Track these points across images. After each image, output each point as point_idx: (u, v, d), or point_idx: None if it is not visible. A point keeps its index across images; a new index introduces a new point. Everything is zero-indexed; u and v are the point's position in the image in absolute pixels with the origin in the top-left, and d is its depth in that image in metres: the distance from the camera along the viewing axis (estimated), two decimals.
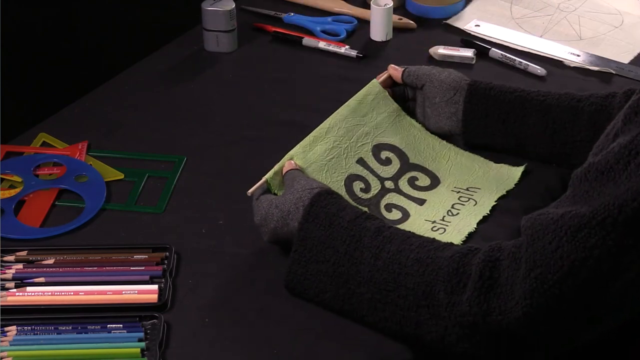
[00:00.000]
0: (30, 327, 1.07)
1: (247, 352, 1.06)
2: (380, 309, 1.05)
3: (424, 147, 1.34)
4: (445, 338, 1.01)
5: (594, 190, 0.95)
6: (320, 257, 1.08)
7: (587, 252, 0.93)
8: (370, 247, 1.06)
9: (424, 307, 1.01)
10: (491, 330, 0.98)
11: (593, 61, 1.59)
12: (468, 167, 1.32)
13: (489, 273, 0.98)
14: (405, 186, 1.29)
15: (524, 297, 0.95)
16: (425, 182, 1.30)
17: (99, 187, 1.29)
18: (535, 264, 0.95)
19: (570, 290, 0.94)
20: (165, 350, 1.06)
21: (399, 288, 1.03)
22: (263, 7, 1.73)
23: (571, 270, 0.94)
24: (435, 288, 1.01)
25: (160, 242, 1.19)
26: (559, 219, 0.95)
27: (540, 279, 0.95)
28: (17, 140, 1.39)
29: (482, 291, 0.98)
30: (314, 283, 1.09)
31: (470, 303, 0.98)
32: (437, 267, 1.02)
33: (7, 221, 1.23)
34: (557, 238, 0.94)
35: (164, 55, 1.61)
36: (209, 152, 1.38)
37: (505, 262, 0.98)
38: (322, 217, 1.09)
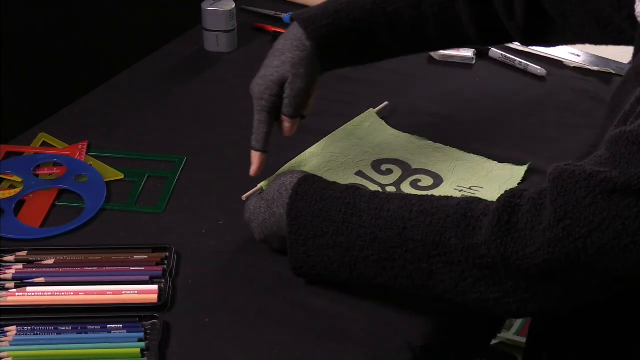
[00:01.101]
0: (30, 327, 1.07)
1: (247, 352, 1.06)
2: (389, 268, 1.04)
3: (427, 154, 1.34)
4: (460, 284, 1.01)
5: (623, 157, 0.94)
6: (317, 232, 1.07)
7: (618, 211, 0.93)
8: (368, 210, 1.05)
9: (436, 256, 1.01)
10: (510, 272, 0.97)
11: (593, 61, 1.59)
12: (471, 168, 1.32)
13: (508, 217, 0.97)
14: (407, 188, 1.29)
15: (548, 244, 0.95)
16: (428, 182, 1.30)
17: (99, 187, 1.29)
18: (567, 215, 0.94)
19: (594, 247, 0.94)
20: (165, 350, 1.06)
21: (405, 242, 1.02)
22: (263, 7, 1.73)
23: (600, 227, 0.93)
24: (445, 235, 1.00)
25: (160, 242, 1.19)
26: (593, 176, 0.94)
27: (568, 230, 0.94)
28: (17, 140, 1.39)
29: (500, 234, 0.97)
30: (317, 258, 1.08)
31: (488, 245, 0.97)
32: (444, 214, 1.01)
33: (7, 221, 1.23)
34: (592, 194, 0.94)
35: (164, 55, 1.61)
36: (209, 152, 1.38)
37: (525, 208, 0.97)
38: (311, 193, 1.09)
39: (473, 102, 1.51)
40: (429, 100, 1.49)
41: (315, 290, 1.13)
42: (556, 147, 1.41)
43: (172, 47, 1.64)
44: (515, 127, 1.45)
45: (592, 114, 1.48)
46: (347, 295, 1.13)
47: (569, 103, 1.51)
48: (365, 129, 1.36)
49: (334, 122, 1.36)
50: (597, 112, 1.49)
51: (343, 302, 1.12)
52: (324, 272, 1.09)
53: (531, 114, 1.48)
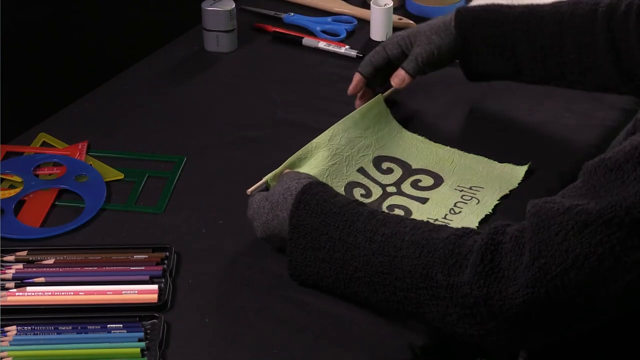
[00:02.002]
0: (30, 327, 1.07)
1: (247, 352, 1.06)
2: (380, 291, 1.05)
3: (427, 154, 1.35)
4: (446, 317, 1.01)
5: (602, 187, 0.95)
6: (315, 244, 1.08)
7: (591, 248, 0.93)
8: (363, 231, 1.06)
9: (423, 288, 1.01)
10: (492, 312, 0.98)
11: None
12: (472, 168, 1.32)
13: (491, 256, 0.98)
14: (408, 188, 1.29)
15: (526, 284, 0.95)
16: (429, 182, 1.30)
17: (99, 187, 1.29)
18: (540, 254, 0.95)
19: (571, 283, 0.94)
20: (165, 350, 1.06)
21: (395, 271, 1.03)
22: (263, 7, 1.73)
23: (575, 264, 0.94)
24: (433, 270, 1.01)
25: (160, 242, 1.19)
26: (567, 212, 0.95)
27: (543, 269, 0.95)
28: (17, 140, 1.39)
29: (483, 275, 0.98)
30: (314, 270, 1.09)
31: (471, 285, 0.98)
32: (432, 248, 1.02)
33: (7, 221, 1.23)
34: (564, 231, 0.94)
35: (164, 55, 1.61)
36: (209, 152, 1.38)
37: (507, 246, 0.98)
38: (312, 204, 1.09)
39: (473, 102, 1.51)
40: (429, 101, 1.49)
41: (315, 290, 1.13)
42: (556, 147, 1.41)
43: (172, 47, 1.63)
44: (515, 127, 1.45)
45: (592, 114, 1.48)
46: None
47: (568, 103, 1.51)
48: (371, 118, 1.36)
49: (334, 122, 1.36)
50: (597, 112, 1.49)
51: (343, 302, 1.12)
52: (320, 283, 1.10)
53: (531, 114, 1.48)
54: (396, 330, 1.09)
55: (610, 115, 1.47)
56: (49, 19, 1.45)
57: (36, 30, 1.43)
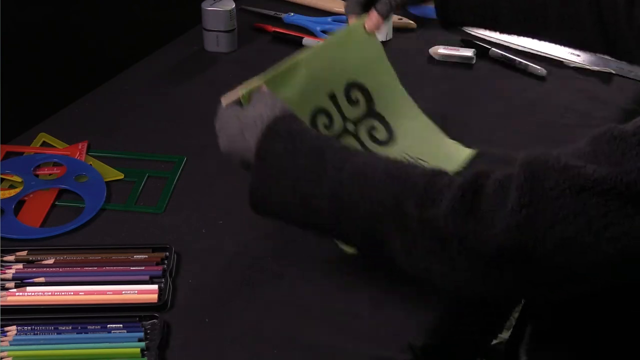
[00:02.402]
0: (30, 327, 1.07)
1: (247, 352, 1.06)
2: (344, 222, 1.03)
3: (392, 98, 1.33)
4: (412, 251, 0.99)
5: (603, 153, 0.93)
6: (280, 174, 1.06)
7: (584, 209, 0.91)
8: (333, 160, 1.04)
9: (391, 220, 0.99)
10: (463, 251, 0.96)
11: (593, 61, 1.59)
12: (424, 136, 1.31)
13: (471, 196, 0.96)
14: (363, 134, 1.28)
15: (508, 229, 0.93)
16: (383, 135, 1.29)
17: (99, 187, 1.29)
18: (531, 203, 0.93)
19: (554, 239, 0.92)
20: (165, 350, 1.06)
21: (364, 200, 1.01)
22: (263, 7, 1.73)
23: (564, 221, 0.92)
24: (406, 201, 0.98)
25: (160, 242, 1.19)
26: (564, 170, 0.93)
27: (530, 218, 0.92)
28: (17, 140, 1.39)
29: (461, 212, 0.95)
30: (276, 200, 1.06)
31: (446, 220, 0.96)
32: (407, 180, 0.99)
33: (7, 221, 1.23)
34: (559, 188, 0.92)
35: (164, 55, 1.61)
36: (209, 152, 1.37)
37: (490, 189, 0.95)
38: (283, 134, 1.07)
39: (473, 102, 1.51)
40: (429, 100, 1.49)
41: (316, 291, 1.13)
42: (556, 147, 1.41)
43: (172, 47, 1.64)
44: (515, 127, 1.45)
45: (592, 114, 1.49)
46: (347, 295, 1.13)
47: (569, 103, 1.51)
48: (352, 41, 1.32)
49: None
50: (597, 112, 1.49)
51: (343, 302, 1.12)
52: (281, 214, 1.08)
53: (531, 114, 1.48)
54: (396, 330, 1.09)
55: (610, 115, 1.47)
56: (49, 19, 1.45)
57: (36, 30, 1.43)
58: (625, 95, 1.54)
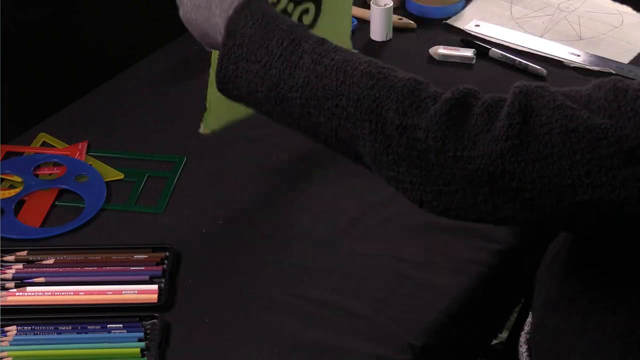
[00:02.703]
0: (30, 327, 1.07)
1: (247, 352, 1.06)
2: (314, 115, 0.99)
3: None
4: (382, 157, 0.96)
5: (599, 101, 0.92)
6: (251, 57, 1.01)
7: (569, 151, 0.90)
8: (311, 52, 0.99)
9: (367, 121, 0.95)
10: (439, 164, 0.94)
11: (593, 61, 1.59)
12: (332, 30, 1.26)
13: (458, 112, 0.93)
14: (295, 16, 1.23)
15: (489, 155, 0.91)
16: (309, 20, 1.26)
17: (99, 187, 1.29)
18: (518, 135, 0.91)
19: (533, 175, 0.91)
20: (165, 350, 1.06)
21: (339, 96, 0.97)
22: None
23: (546, 159, 0.91)
24: (385, 105, 0.95)
25: (160, 242, 1.19)
26: (557, 108, 0.91)
27: (515, 149, 0.91)
28: (17, 140, 1.39)
29: (445, 127, 0.93)
30: (244, 82, 1.02)
31: (428, 133, 0.93)
32: (390, 83, 0.96)
33: (7, 221, 1.23)
34: (549, 125, 0.91)
35: (164, 55, 1.61)
36: (209, 152, 1.38)
37: (478, 110, 0.93)
38: (257, 16, 1.02)
39: None
40: None
41: (315, 291, 1.13)
42: None
43: (172, 47, 1.63)
44: None
45: None
46: (347, 295, 1.13)
47: None
48: None
49: None
50: None
51: (343, 302, 1.12)
52: (248, 98, 1.03)
53: None
54: (396, 330, 1.09)
55: None
56: (49, 19, 1.45)
57: (36, 30, 1.43)
58: None
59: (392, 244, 1.21)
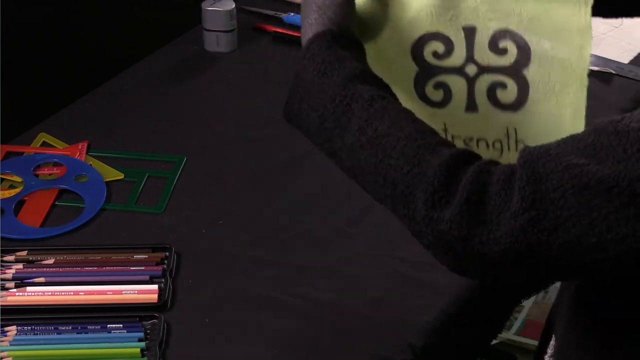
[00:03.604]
0: (30, 327, 1.07)
1: (246, 353, 1.06)
2: (359, 180, 1.01)
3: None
4: (416, 238, 0.97)
5: (604, 148, 0.92)
6: (310, 102, 1.02)
7: (587, 210, 0.90)
8: (359, 116, 1.00)
9: (401, 204, 0.97)
10: (467, 252, 0.95)
11: (593, 61, 1.59)
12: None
13: (476, 197, 0.94)
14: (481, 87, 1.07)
15: (511, 233, 0.92)
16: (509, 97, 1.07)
17: (99, 187, 1.29)
18: (533, 206, 0.91)
19: (558, 240, 0.91)
20: (165, 350, 1.06)
21: (377, 174, 0.98)
22: (263, 7, 1.73)
23: (566, 223, 0.91)
24: (416, 195, 0.96)
25: (160, 242, 1.19)
26: (566, 170, 0.91)
27: (534, 222, 0.91)
28: (17, 140, 1.39)
29: (466, 216, 0.93)
30: (304, 123, 1.03)
31: (451, 224, 0.94)
32: (422, 171, 0.96)
33: (7, 221, 1.23)
34: (562, 188, 0.91)
35: (164, 55, 1.61)
36: (209, 152, 1.38)
37: (494, 188, 0.94)
38: (318, 60, 1.02)
39: None
40: None
41: (315, 291, 1.13)
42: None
43: (172, 47, 1.63)
44: None
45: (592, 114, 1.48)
46: (347, 295, 1.13)
47: None
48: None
49: None
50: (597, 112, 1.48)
51: (343, 302, 1.12)
52: (307, 134, 1.04)
53: None
54: (396, 330, 1.09)
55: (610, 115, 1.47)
56: (49, 19, 1.45)
57: (36, 30, 1.43)
58: (625, 95, 1.54)
59: (392, 244, 1.21)
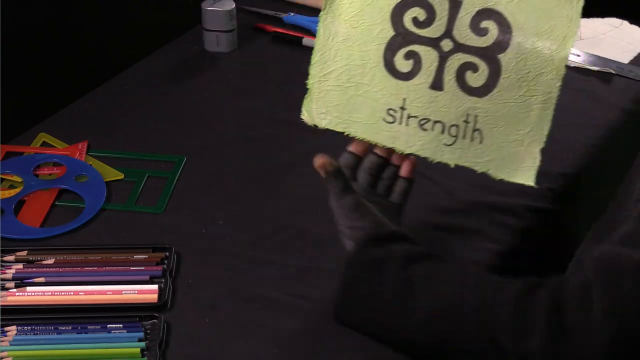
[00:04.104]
0: (30, 327, 1.07)
1: (247, 353, 1.06)
2: (440, 355, 1.01)
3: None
4: None
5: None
6: (368, 306, 1.04)
7: None
8: (424, 295, 1.01)
9: (491, 351, 0.98)
10: None
11: (593, 61, 1.59)
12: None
13: (557, 319, 0.94)
14: (451, 67, 1.05)
15: (604, 344, 0.92)
16: (478, 81, 1.05)
17: (99, 187, 1.29)
18: (614, 312, 0.92)
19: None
20: (165, 350, 1.06)
21: (459, 335, 0.99)
22: (263, 7, 1.73)
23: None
24: (500, 336, 0.97)
25: (160, 242, 1.19)
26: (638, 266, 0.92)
27: (622, 328, 0.92)
28: (17, 140, 1.39)
29: (553, 340, 0.94)
30: (362, 328, 1.05)
31: (543, 353, 0.95)
32: (497, 313, 0.97)
33: (7, 221, 1.23)
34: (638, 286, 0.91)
35: (164, 55, 1.61)
36: (209, 152, 1.38)
37: (571, 306, 0.94)
38: (368, 264, 1.04)
39: None
40: None
41: (315, 291, 1.13)
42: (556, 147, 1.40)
43: (172, 47, 1.63)
44: None
45: (592, 114, 1.48)
46: None
47: (568, 103, 1.51)
48: None
49: None
50: (597, 112, 1.49)
51: None
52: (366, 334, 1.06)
53: None
54: None
55: (610, 116, 1.47)
56: (49, 19, 1.45)
57: (36, 30, 1.43)
58: (625, 95, 1.54)
59: None
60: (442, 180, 1.32)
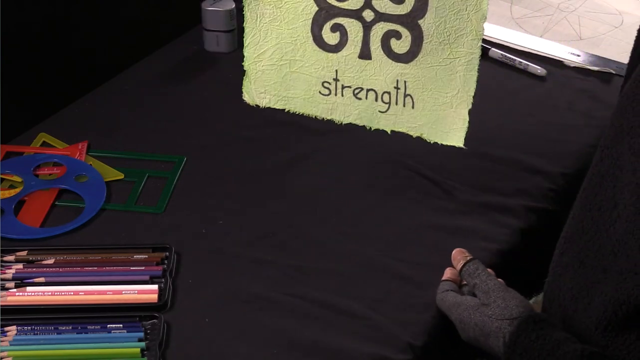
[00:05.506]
0: (30, 327, 1.07)
1: (246, 352, 1.06)
2: None
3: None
4: None
5: None
6: None
7: None
8: None
9: None
10: None
11: (593, 61, 1.59)
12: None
13: None
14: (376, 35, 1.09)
15: None
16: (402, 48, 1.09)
17: (99, 187, 1.29)
18: None
19: None
20: (165, 350, 1.06)
21: None
22: None
23: None
24: None
25: (160, 242, 1.19)
26: None
27: None
28: (17, 140, 1.39)
29: None
30: None
31: None
32: None
33: (7, 221, 1.23)
34: None
35: (164, 55, 1.61)
36: (209, 152, 1.38)
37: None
38: (534, 354, 0.98)
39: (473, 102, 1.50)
40: None
41: (315, 291, 1.13)
42: (556, 147, 1.41)
43: (172, 47, 1.64)
44: (515, 127, 1.45)
45: (592, 114, 1.48)
46: (346, 295, 1.13)
47: (569, 103, 1.51)
48: None
49: (333, 121, 1.36)
50: (597, 112, 1.49)
51: (342, 302, 1.12)
52: None
53: (531, 114, 1.48)
54: (396, 330, 1.09)
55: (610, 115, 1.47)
56: (49, 19, 1.45)
57: (36, 30, 1.43)
58: None
59: (391, 244, 1.21)
60: (442, 180, 1.32)
